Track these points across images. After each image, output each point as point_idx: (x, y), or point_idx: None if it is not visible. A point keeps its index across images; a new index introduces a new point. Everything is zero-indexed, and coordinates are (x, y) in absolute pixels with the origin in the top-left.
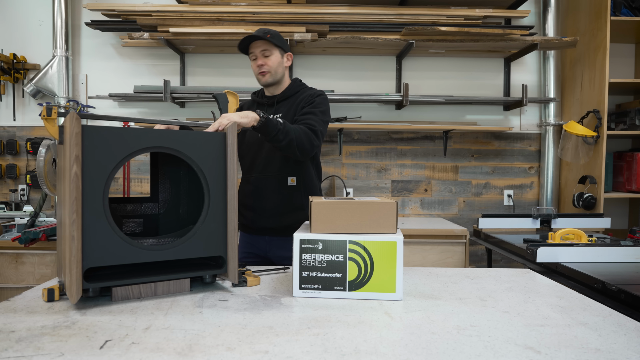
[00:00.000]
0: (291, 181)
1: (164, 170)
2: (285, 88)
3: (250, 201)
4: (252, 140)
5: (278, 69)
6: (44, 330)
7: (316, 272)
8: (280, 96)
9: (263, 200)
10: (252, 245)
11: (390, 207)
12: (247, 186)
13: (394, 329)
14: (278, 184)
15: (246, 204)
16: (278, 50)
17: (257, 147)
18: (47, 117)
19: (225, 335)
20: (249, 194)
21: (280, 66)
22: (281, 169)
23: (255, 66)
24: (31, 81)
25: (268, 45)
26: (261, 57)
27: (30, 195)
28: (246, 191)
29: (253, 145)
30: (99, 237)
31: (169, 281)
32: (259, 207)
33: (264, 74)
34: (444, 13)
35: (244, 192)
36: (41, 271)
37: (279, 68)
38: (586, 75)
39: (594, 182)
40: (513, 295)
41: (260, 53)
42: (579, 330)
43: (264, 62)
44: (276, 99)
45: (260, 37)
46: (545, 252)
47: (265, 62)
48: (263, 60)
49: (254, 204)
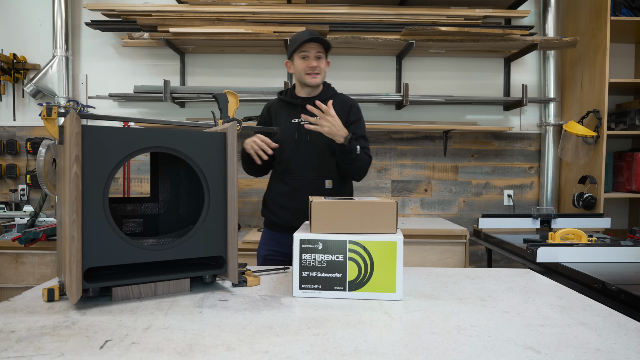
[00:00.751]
0: (328, 184)
1: (164, 170)
2: (321, 91)
3: (285, 201)
4: (287, 140)
5: (325, 74)
6: (44, 330)
7: (316, 272)
8: (317, 98)
9: (299, 201)
10: (278, 243)
11: (390, 207)
12: (283, 186)
13: (394, 329)
14: (316, 185)
15: (280, 203)
16: (325, 55)
17: (293, 148)
18: (47, 117)
19: (225, 335)
20: (284, 193)
21: (325, 72)
22: (320, 172)
23: (305, 65)
24: (31, 81)
25: (322, 49)
26: (315, 59)
27: (30, 195)
28: (281, 191)
29: (287, 146)
30: (99, 237)
31: (169, 281)
32: (294, 207)
33: (316, 75)
34: (444, 13)
35: (278, 192)
36: (41, 271)
37: (325, 74)
38: (586, 75)
39: (594, 182)
40: (513, 295)
41: (315, 55)
42: (579, 330)
43: (318, 64)
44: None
45: (320, 40)
46: (545, 252)
47: (319, 64)
48: (317, 62)
49: (289, 203)
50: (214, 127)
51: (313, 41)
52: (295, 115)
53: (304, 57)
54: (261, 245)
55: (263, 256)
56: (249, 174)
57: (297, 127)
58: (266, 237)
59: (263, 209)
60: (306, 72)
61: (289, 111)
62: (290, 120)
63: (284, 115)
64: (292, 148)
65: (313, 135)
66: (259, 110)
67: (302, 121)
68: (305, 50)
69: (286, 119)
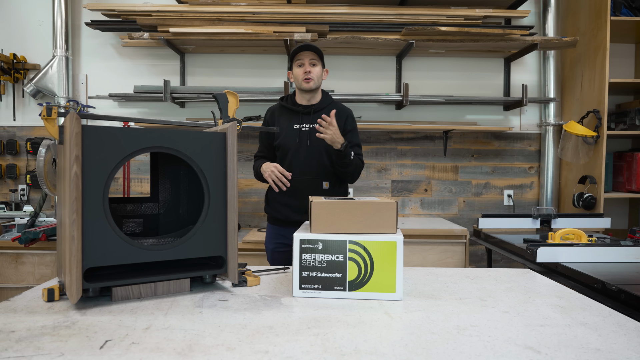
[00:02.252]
0: (325, 185)
1: (164, 170)
2: (320, 100)
3: (285, 199)
4: (289, 144)
5: (319, 79)
6: (44, 330)
7: (316, 272)
8: (317, 107)
9: (299, 199)
10: (282, 236)
11: (390, 207)
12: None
13: (394, 329)
14: (314, 186)
15: (281, 201)
16: (321, 63)
17: (294, 151)
18: (47, 117)
19: (225, 335)
20: (285, 192)
21: (320, 78)
22: (319, 173)
23: (301, 72)
24: (31, 81)
25: (316, 56)
26: (309, 65)
27: (30, 195)
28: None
29: (289, 149)
30: (99, 237)
31: (169, 281)
32: (294, 204)
33: (309, 80)
34: (444, 13)
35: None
36: (41, 271)
37: (320, 78)
38: (586, 75)
39: (594, 182)
40: (513, 295)
41: (309, 62)
42: (579, 330)
43: (311, 69)
44: (313, 109)
45: (312, 48)
46: (545, 252)
47: (312, 70)
48: (310, 68)
49: (290, 202)
50: (214, 127)
51: (305, 49)
52: (296, 121)
53: (300, 64)
54: (268, 239)
55: (271, 249)
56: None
57: (298, 132)
58: (271, 231)
59: (266, 205)
60: (302, 78)
61: (290, 117)
62: (292, 126)
63: (285, 120)
64: (293, 151)
65: (312, 140)
66: (259, 111)
67: (302, 127)
68: (300, 59)
69: (288, 124)
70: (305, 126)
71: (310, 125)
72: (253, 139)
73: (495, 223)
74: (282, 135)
